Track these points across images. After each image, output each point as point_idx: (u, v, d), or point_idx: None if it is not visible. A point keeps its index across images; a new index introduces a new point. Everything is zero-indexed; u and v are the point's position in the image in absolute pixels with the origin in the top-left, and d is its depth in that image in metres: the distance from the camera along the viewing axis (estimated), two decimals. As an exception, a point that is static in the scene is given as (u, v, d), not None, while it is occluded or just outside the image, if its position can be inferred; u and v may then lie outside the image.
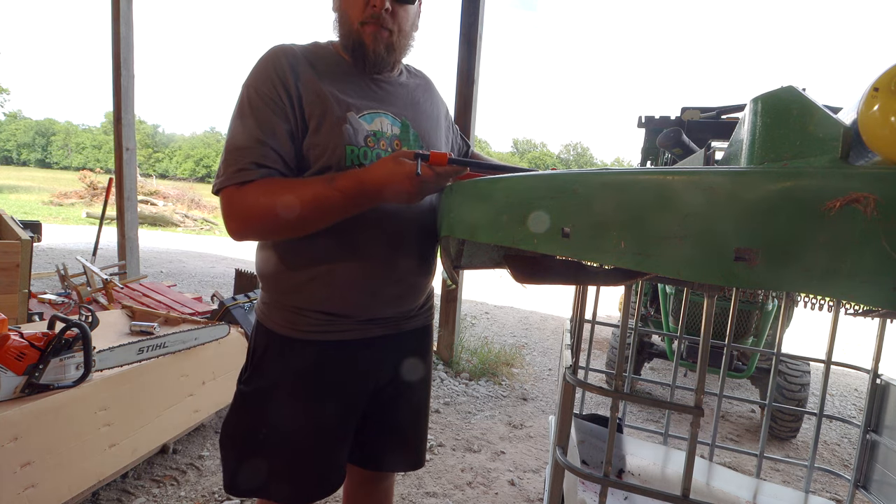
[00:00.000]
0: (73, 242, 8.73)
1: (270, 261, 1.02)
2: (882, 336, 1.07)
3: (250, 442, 1.04)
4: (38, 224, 3.75)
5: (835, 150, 0.49)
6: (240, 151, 0.91)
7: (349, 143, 0.95)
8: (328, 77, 0.97)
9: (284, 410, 1.03)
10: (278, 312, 1.03)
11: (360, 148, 0.96)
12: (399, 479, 2.17)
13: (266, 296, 1.06)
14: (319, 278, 0.99)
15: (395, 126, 1.03)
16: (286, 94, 0.93)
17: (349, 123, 0.95)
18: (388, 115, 1.02)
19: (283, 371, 1.03)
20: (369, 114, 0.99)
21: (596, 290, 1.17)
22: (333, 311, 1.01)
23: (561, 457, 0.68)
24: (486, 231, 0.69)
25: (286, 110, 0.93)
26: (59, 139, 75.71)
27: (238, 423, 1.06)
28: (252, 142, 0.91)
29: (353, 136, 0.95)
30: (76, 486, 1.61)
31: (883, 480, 1.10)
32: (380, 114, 1.01)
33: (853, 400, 3.89)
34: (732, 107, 3.49)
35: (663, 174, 0.46)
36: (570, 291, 1.18)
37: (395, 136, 1.02)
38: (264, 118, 0.91)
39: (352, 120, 0.96)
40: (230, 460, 1.06)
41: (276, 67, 0.93)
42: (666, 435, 1.40)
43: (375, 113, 1.00)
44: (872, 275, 0.37)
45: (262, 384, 1.04)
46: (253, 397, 1.05)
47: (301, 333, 1.01)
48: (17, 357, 1.47)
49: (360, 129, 0.97)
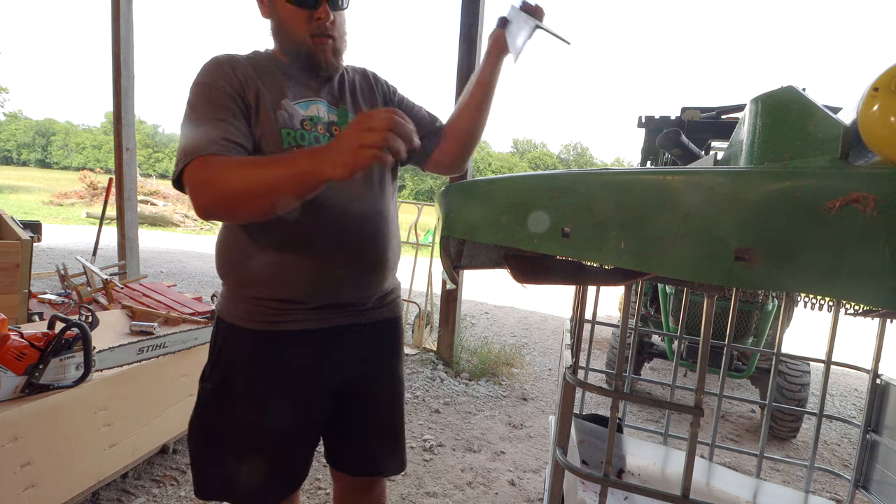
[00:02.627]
0: (73, 242, 8.73)
1: (226, 255, 1.05)
2: (882, 336, 1.07)
3: (215, 440, 1.05)
4: (38, 224, 3.75)
5: (835, 150, 0.49)
6: (200, 135, 0.93)
7: (284, 126, 0.99)
8: (266, 74, 1.02)
9: (244, 404, 1.04)
10: (236, 304, 1.05)
11: (296, 131, 1.00)
12: (399, 479, 2.17)
13: (225, 290, 1.08)
14: (270, 266, 1.01)
15: (332, 113, 1.07)
16: (231, 88, 0.97)
17: (284, 109, 1.00)
18: (324, 102, 1.06)
19: (242, 363, 1.04)
20: (304, 101, 1.04)
21: (596, 290, 1.17)
22: (286, 297, 1.02)
23: (561, 457, 0.68)
24: (486, 231, 0.69)
25: (236, 99, 0.97)
26: (59, 139, 75.71)
27: (201, 421, 1.07)
28: (213, 124, 0.93)
29: (289, 119, 1.00)
30: (76, 486, 1.61)
31: (883, 480, 1.10)
32: (315, 101, 1.05)
33: (853, 400, 3.89)
34: (732, 107, 3.50)
35: (663, 174, 0.46)
36: (570, 291, 1.18)
37: (333, 122, 1.06)
38: (220, 105, 0.95)
39: (286, 106, 1.01)
40: (192, 461, 1.07)
41: (220, 67, 0.98)
42: (666, 435, 1.40)
43: (311, 100, 1.05)
44: (872, 275, 0.37)
45: (222, 378, 1.05)
46: (214, 393, 1.06)
47: (258, 324, 1.03)
48: (17, 357, 1.47)
49: (296, 114, 1.01)
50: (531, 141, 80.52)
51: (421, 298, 4.33)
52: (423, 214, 4.45)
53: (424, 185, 57.64)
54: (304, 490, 2.02)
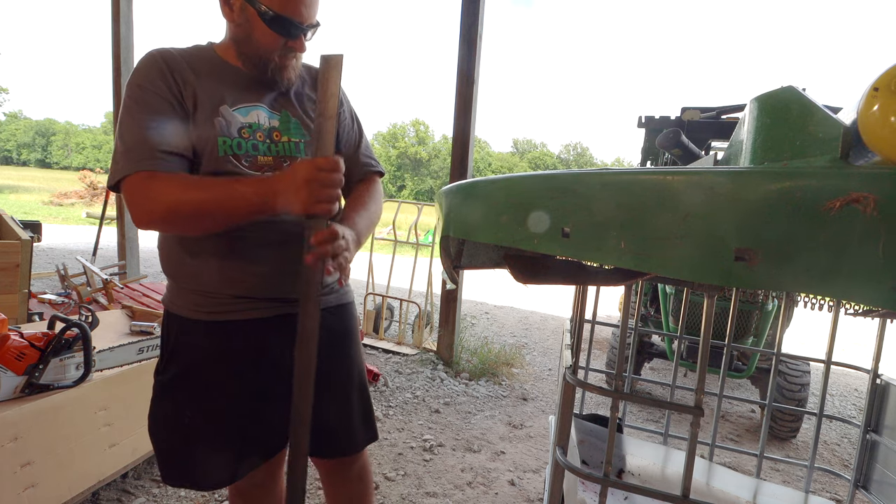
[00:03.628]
0: (73, 242, 8.73)
1: (171, 250, 1.06)
2: (882, 336, 1.07)
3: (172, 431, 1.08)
4: (38, 224, 3.76)
5: (835, 150, 0.49)
6: (140, 143, 0.93)
7: (221, 134, 0.99)
8: (206, 76, 1.01)
9: (201, 393, 1.06)
10: (184, 297, 1.06)
11: (232, 139, 1.00)
12: (399, 479, 2.17)
13: (171, 283, 1.09)
14: (218, 266, 1.02)
15: (274, 119, 1.06)
16: (168, 90, 0.96)
17: (221, 116, 1.00)
18: (264, 107, 1.06)
19: (194, 354, 1.06)
20: (244, 107, 1.03)
21: (596, 290, 1.17)
22: (235, 294, 1.04)
23: (561, 457, 0.68)
24: (486, 231, 0.69)
25: (173, 103, 0.97)
26: (59, 139, 75.70)
27: (158, 413, 1.09)
28: (149, 132, 0.93)
29: (226, 127, 0.99)
30: (76, 486, 1.61)
31: (883, 480, 1.10)
32: (255, 107, 1.04)
33: (853, 400, 3.89)
34: (732, 107, 3.50)
35: (663, 174, 0.46)
36: (570, 291, 1.18)
37: (274, 127, 1.06)
38: (156, 110, 0.95)
39: (224, 113, 1.00)
40: (158, 452, 1.10)
41: (157, 66, 0.97)
42: (666, 435, 1.40)
43: (251, 106, 1.04)
44: (872, 275, 0.37)
45: (175, 370, 1.07)
46: (170, 386, 1.08)
47: (209, 315, 1.04)
48: (17, 357, 1.47)
49: (234, 122, 1.01)
50: (531, 141, 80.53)
51: (421, 298, 4.33)
52: (423, 214, 4.45)
53: (424, 186, 57.64)
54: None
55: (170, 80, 0.96)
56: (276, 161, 1.05)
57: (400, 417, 2.78)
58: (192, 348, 1.06)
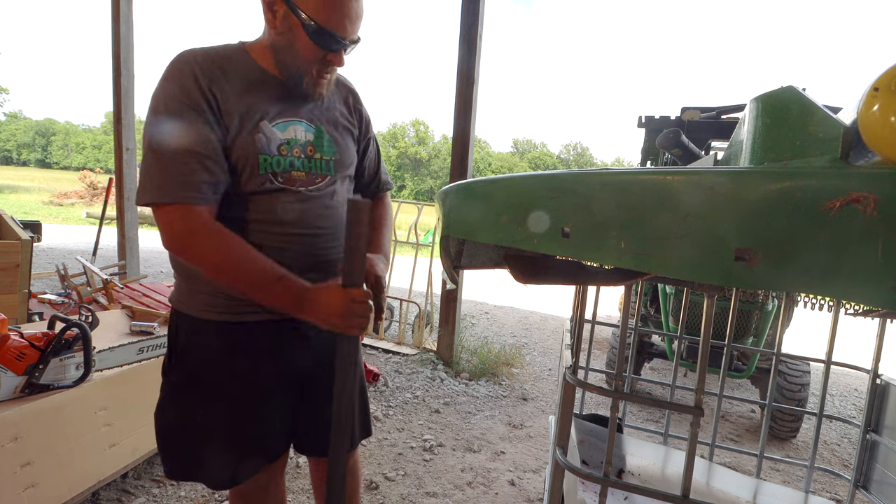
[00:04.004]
0: (73, 242, 8.73)
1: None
2: (882, 336, 1.07)
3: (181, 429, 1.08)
4: (38, 224, 3.75)
5: (835, 150, 0.49)
6: (180, 167, 0.92)
7: (262, 152, 0.99)
8: (242, 86, 0.99)
9: (211, 393, 1.06)
10: (197, 297, 1.05)
11: (272, 157, 1.00)
12: (399, 479, 2.17)
13: (183, 284, 1.08)
14: None
15: (309, 132, 1.06)
16: (206, 104, 0.94)
17: (262, 133, 0.99)
18: (303, 122, 1.06)
19: (206, 353, 1.06)
20: (283, 122, 1.02)
21: (596, 290, 1.17)
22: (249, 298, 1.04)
23: (561, 457, 0.68)
24: (486, 231, 0.69)
25: (211, 121, 0.94)
26: (59, 139, 75.71)
27: (167, 411, 1.10)
28: (190, 155, 0.92)
29: (266, 145, 0.99)
30: (76, 486, 1.61)
31: (883, 480, 1.10)
32: (293, 122, 1.04)
33: (853, 400, 3.89)
34: (732, 107, 3.50)
35: (663, 174, 0.46)
36: (570, 291, 1.18)
37: (310, 142, 1.06)
38: (196, 128, 0.93)
39: (265, 129, 0.99)
40: (164, 448, 1.10)
41: (193, 76, 0.94)
42: (666, 435, 1.40)
43: (289, 121, 1.04)
44: (872, 275, 0.37)
45: (186, 369, 1.07)
46: (180, 385, 1.08)
47: (220, 315, 1.04)
48: (17, 357, 1.47)
49: (273, 139, 1.00)
50: (531, 141, 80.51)
51: (421, 298, 4.33)
52: (423, 214, 4.45)
53: (424, 186, 57.66)
54: (303, 491, 2.02)
55: (208, 94, 0.94)
56: (308, 177, 1.06)
57: (400, 417, 2.78)
58: (204, 348, 1.06)
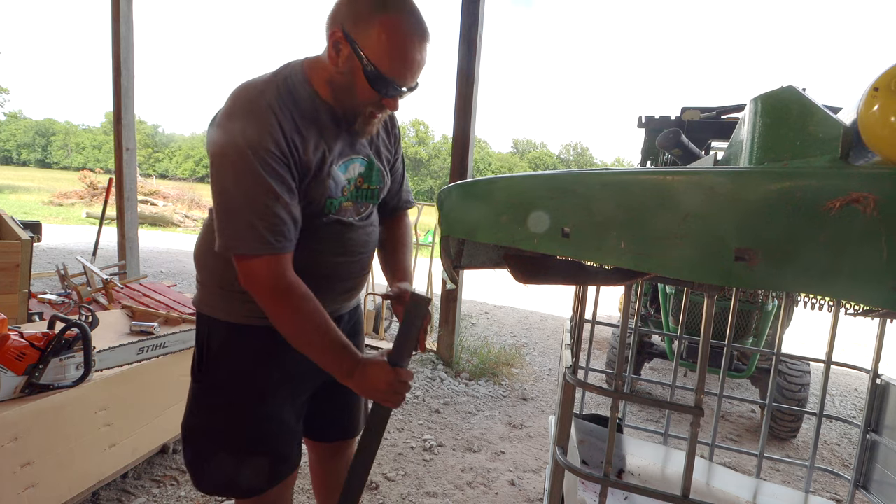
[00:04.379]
0: (73, 242, 8.73)
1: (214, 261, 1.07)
2: (882, 336, 1.07)
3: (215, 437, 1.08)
4: (38, 224, 3.75)
5: (835, 150, 0.49)
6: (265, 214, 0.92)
7: (330, 196, 1.03)
8: (315, 131, 1.00)
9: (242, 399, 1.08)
10: (232, 303, 1.07)
11: (337, 198, 1.05)
12: (399, 479, 2.17)
13: (217, 289, 1.09)
14: None
15: (362, 165, 1.10)
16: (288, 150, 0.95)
17: (332, 178, 1.02)
18: (359, 157, 1.09)
19: (243, 357, 1.08)
20: (344, 162, 1.06)
21: (596, 290, 1.17)
22: None
23: (561, 457, 0.68)
24: (486, 231, 0.69)
25: (291, 166, 0.96)
26: (59, 139, 75.69)
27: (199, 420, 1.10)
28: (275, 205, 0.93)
29: (335, 189, 1.03)
30: (76, 486, 1.61)
31: (883, 480, 1.10)
32: (353, 160, 1.08)
33: (853, 400, 3.89)
34: (732, 107, 3.50)
35: (663, 174, 0.46)
36: (570, 291, 1.19)
37: (361, 173, 1.10)
38: (279, 175, 0.93)
39: (334, 174, 1.03)
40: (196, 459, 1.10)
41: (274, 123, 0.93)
42: (666, 435, 1.40)
43: (350, 160, 1.07)
44: (872, 275, 0.37)
45: (216, 375, 1.09)
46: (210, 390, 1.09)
47: (247, 319, 1.06)
48: (17, 357, 1.47)
49: (340, 182, 1.05)
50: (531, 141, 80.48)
51: (421, 298, 4.32)
52: (423, 214, 4.45)
53: (424, 186, 57.63)
54: (303, 490, 2.02)
55: (291, 143, 0.94)
56: (355, 206, 1.11)
57: (400, 417, 2.78)
58: (241, 352, 1.08)
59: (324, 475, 1.41)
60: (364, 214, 1.14)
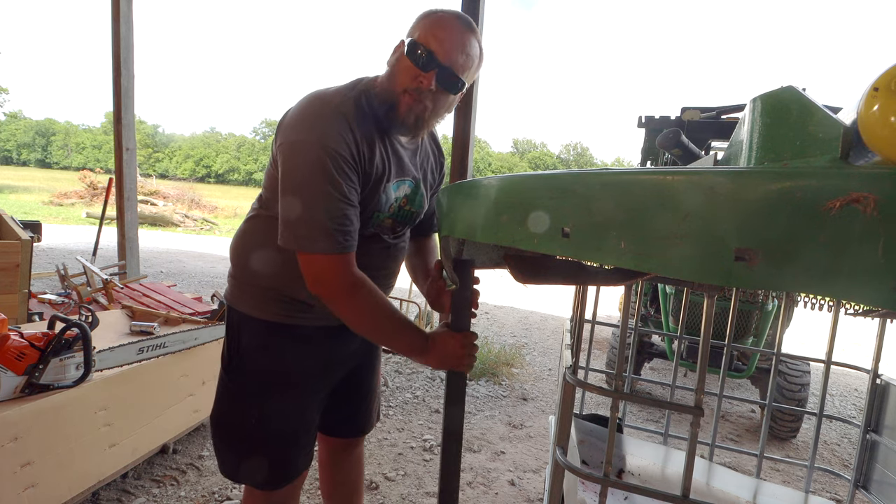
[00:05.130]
0: (73, 242, 8.73)
1: (272, 261, 1.08)
2: (882, 336, 1.07)
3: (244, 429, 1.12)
4: (38, 224, 3.75)
5: (835, 150, 0.49)
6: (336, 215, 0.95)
7: (378, 210, 1.06)
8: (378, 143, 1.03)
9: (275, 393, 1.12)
10: (268, 303, 1.10)
11: (382, 213, 1.08)
12: (399, 479, 2.17)
13: (252, 288, 1.12)
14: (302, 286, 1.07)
15: (409, 187, 1.14)
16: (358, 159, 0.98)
17: (385, 193, 1.06)
18: (408, 179, 1.13)
19: (271, 354, 1.11)
20: (398, 181, 1.09)
21: (596, 290, 1.17)
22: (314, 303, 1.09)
23: (561, 457, 0.68)
24: (486, 231, 0.69)
25: (359, 173, 0.99)
26: (59, 139, 75.69)
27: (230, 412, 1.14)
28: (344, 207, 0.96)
29: (384, 204, 1.07)
30: (76, 486, 1.61)
31: (883, 480, 1.10)
32: (404, 180, 1.12)
33: (853, 400, 3.89)
34: (732, 107, 3.49)
35: (663, 174, 0.46)
36: (570, 291, 1.19)
37: (406, 195, 1.13)
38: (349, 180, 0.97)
39: (387, 190, 1.07)
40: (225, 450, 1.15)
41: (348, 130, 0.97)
42: (666, 435, 1.40)
43: (402, 180, 1.11)
44: (872, 275, 0.37)
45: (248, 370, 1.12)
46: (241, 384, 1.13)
47: (289, 318, 1.10)
48: (17, 357, 1.47)
49: (390, 198, 1.08)
50: (531, 141, 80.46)
51: (421, 298, 4.33)
52: (423, 214, 4.45)
53: (424, 185, 57.49)
54: (303, 490, 2.02)
55: (355, 155, 0.98)
56: (393, 224, 1.14)
57: (400, 417, 2.78)
58: (274, 349, 1.11)
59: (333, 470, 1.44)
60: (399, 233, 1.18)
